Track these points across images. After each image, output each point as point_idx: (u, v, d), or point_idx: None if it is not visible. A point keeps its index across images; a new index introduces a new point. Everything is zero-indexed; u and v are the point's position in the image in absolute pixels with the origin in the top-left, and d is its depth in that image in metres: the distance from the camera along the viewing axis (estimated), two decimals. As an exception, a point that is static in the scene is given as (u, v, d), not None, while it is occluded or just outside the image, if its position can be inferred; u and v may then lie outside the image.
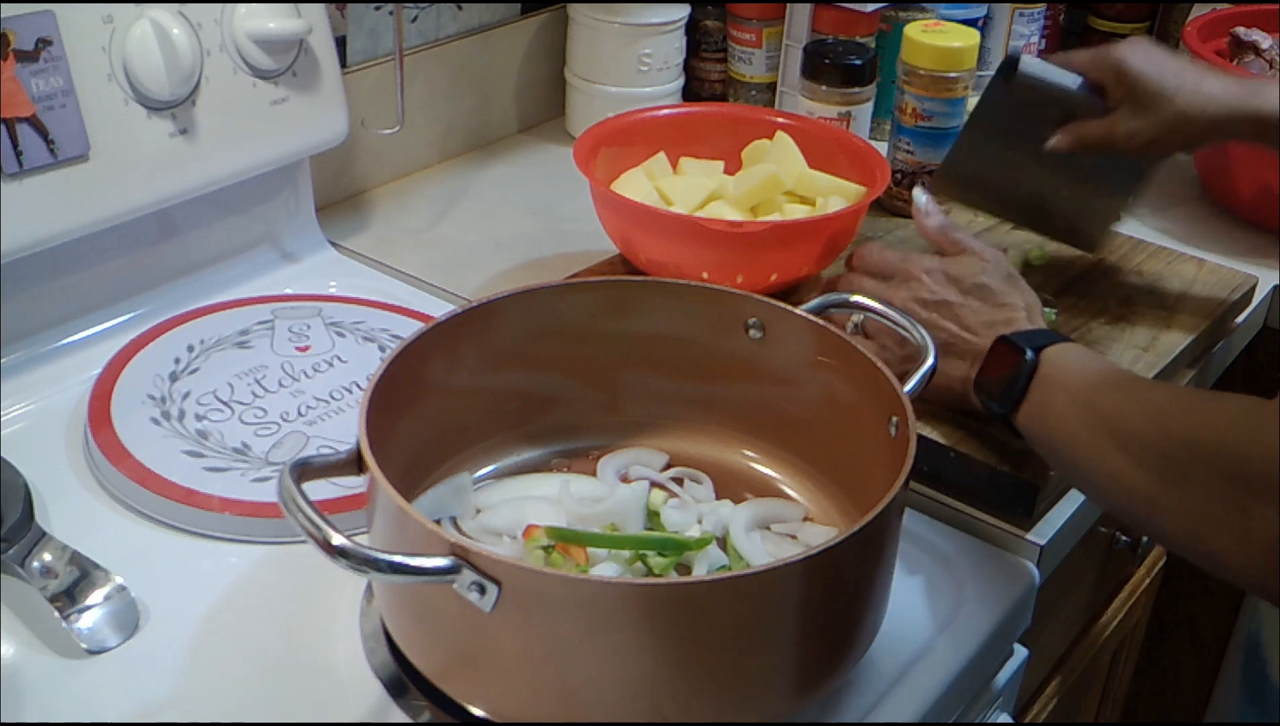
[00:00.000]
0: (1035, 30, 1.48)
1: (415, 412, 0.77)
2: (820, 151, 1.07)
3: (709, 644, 0.63)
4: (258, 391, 0.92)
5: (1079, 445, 0.76)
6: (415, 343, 0.76)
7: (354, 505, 0.79)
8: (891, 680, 0.75)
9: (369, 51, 1.19)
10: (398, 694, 0.71)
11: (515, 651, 0.64)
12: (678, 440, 0.87)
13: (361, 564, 0.60)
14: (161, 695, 0.71)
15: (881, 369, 0.76)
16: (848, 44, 1.23)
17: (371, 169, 1.23)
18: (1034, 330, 0.85)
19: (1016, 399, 0.80)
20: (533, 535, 0.74)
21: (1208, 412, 0.70)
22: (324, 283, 1.08)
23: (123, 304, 1.00)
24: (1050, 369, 0.79)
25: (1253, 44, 1.31)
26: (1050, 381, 0.79)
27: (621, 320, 0.84)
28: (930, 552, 0.84)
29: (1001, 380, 0.81)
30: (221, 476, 0.83)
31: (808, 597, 0.65)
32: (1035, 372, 0.79)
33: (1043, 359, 0.80)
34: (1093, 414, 0.75)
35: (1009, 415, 0.81)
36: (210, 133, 0.98)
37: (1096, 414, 0.75)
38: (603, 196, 1.02)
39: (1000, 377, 0.82)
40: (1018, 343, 0.81)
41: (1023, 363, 0.80)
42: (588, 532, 0.74)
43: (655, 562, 0.73)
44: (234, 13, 0.98)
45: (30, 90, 0.87)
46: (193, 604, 0.76)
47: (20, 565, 0.75)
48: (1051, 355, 0.80)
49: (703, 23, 1.39)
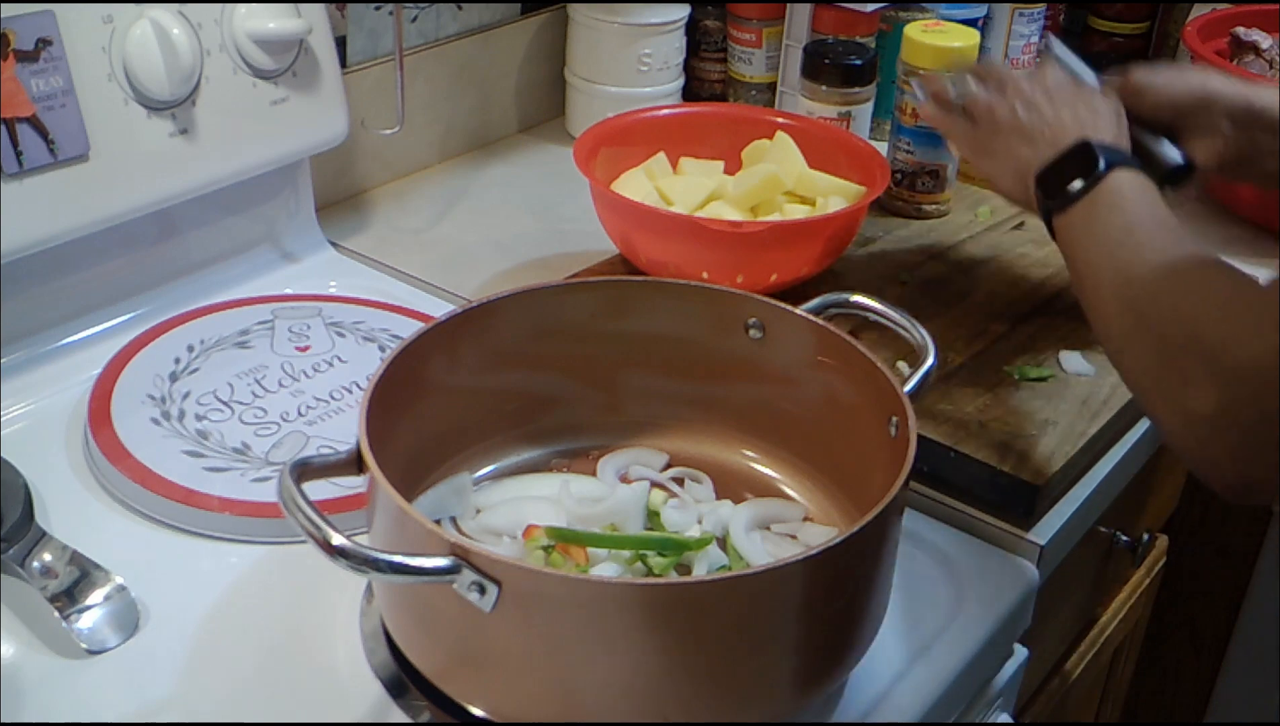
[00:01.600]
0: (1035, 30, 1.47)
1: (415, 412, 0.77)
2: (820, 151, 1.07)
3: (709, 644, 0.63)
4: (258, 391, 0.92)
5: (1091, 273, 0.79)
6: (415, 342, 0.76)
7: (354, 505, 0.79)
8: (891, 680, 0.75)
9: (369, 51, 1.19)
10: (398, 694, 0.71)
11: (515, 651, 0.64)
12: (678, 440, 0.87)
13: (361, 564, 0.60)
14: (161, 695, 0.71)
15: (881, 369, 0.76)
16: (848, 44, 1.23)
17: (371, 169, 1.23)
18: (1115, 146, 0.86)
19: (1068, 201, 0.82)
20: (533, 535, 0.74)
21: (1198, 280, 0.72)
22: (324, 283, 1.08)
23: (123, 304, 1.00)
24: (1109, 188, 0.81)
25: (1253, 44, 1.31)
26: (1102, 200, 0.81)
27: (621, 320, 0.84)
28: (930, 552, 0.84)
29: (1066, 178, 0.83)
30: (221, 476, 0.83)
31: (808, 597, 0.65)
32: (1094, 187, 0.82)
33: (1109, 177, 0.82)
34: (1114, 249, 0.78)
35: (1053, 213, 0.84)
36: (210, 133, 0.98)
37: (1116, 250, 0.78)
38: (603, 196, 1.02)
39: (1066, 176, 0.84)
40: (1097, 151, 0.83)
41: (1093, 171, 0.82)
42: (588, 533, 0.74)
43: (655, 562, 0.73)
44: (234, 13, 0.98)
45: (30, 90, 0.87)
46: (193, 604, 0.76)
47: (20, 565, 0.75)
48: (1118, 178, 0.82)
49: (703, 23, 1.39)
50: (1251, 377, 0.66)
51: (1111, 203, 0.81)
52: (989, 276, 1.11)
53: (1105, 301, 0.77)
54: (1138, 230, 0.79)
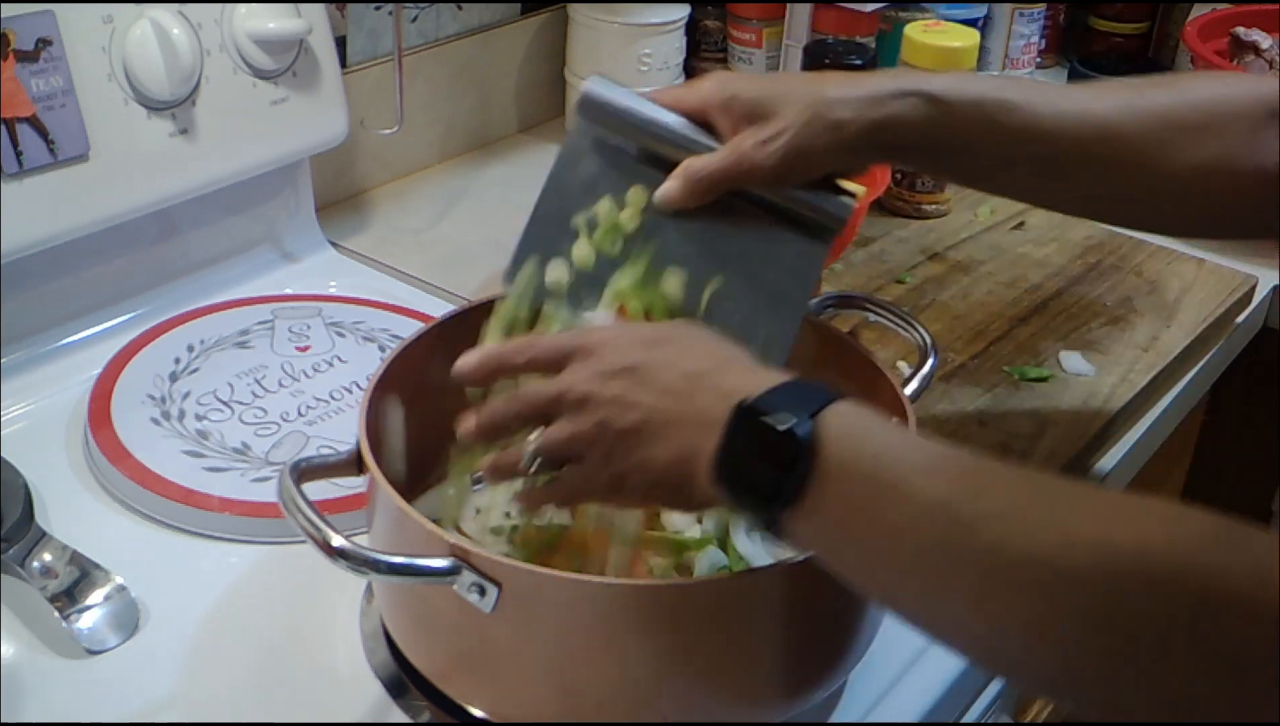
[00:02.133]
0: (1035, 30, 1.48)
1: (415, 412, 0.77)
2: (820, 151, 1.07)
3: (709, 644, 0.63)
4: (258, 391, 0.92)
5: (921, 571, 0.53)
6: (415, 342, 0.76)
7: (354, 505, 0.79)
8: (891, 680, 0.75)
9: (369, 51, 1.19)
10: (398, 694, 0.71)
11: (515, 651, 0.64)
12: (678, 440, 0.87)
13: (361, 564, 0.60)
14: (161, 695, 0.71)
15: (881, 369, 0.76)
16: (848, 44, 1.23)
17: (371, 169, 1.23)
18: (783, 384, 0.58)
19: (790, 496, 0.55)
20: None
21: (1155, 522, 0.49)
22: (324, 283, 1.08)
23: (123, 304, 1.00)
24: (841, 446, 0.54)
25: (1253, 44, 1.31)
26: (847, 467, 0.54)
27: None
28: (930, 553, 0.84)
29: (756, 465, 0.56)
30: (221, 476, 0.83)
31: (808, 598, 0.65)
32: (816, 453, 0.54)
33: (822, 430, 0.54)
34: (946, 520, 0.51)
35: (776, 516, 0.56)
36: (210, 133, 0.98)
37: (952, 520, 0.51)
38: (603, 196, 1.01)
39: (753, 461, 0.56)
40: (765, 405, 0.55)
41: (788, 438, 0.54)
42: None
43: (655, 563, 0.73)
44: (234, 13, 0.98)
45: (30, 90, 0.87)
46: (193, 604, 0.76)
47: (20, 565, 0.75)
48: (836, 424, 0.55)
49: (703, 23, 1.39)
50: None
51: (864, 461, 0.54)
52: (989, 276, 1.11)
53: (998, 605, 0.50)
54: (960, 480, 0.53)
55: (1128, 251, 1.15)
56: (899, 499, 0.53)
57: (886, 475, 0.53)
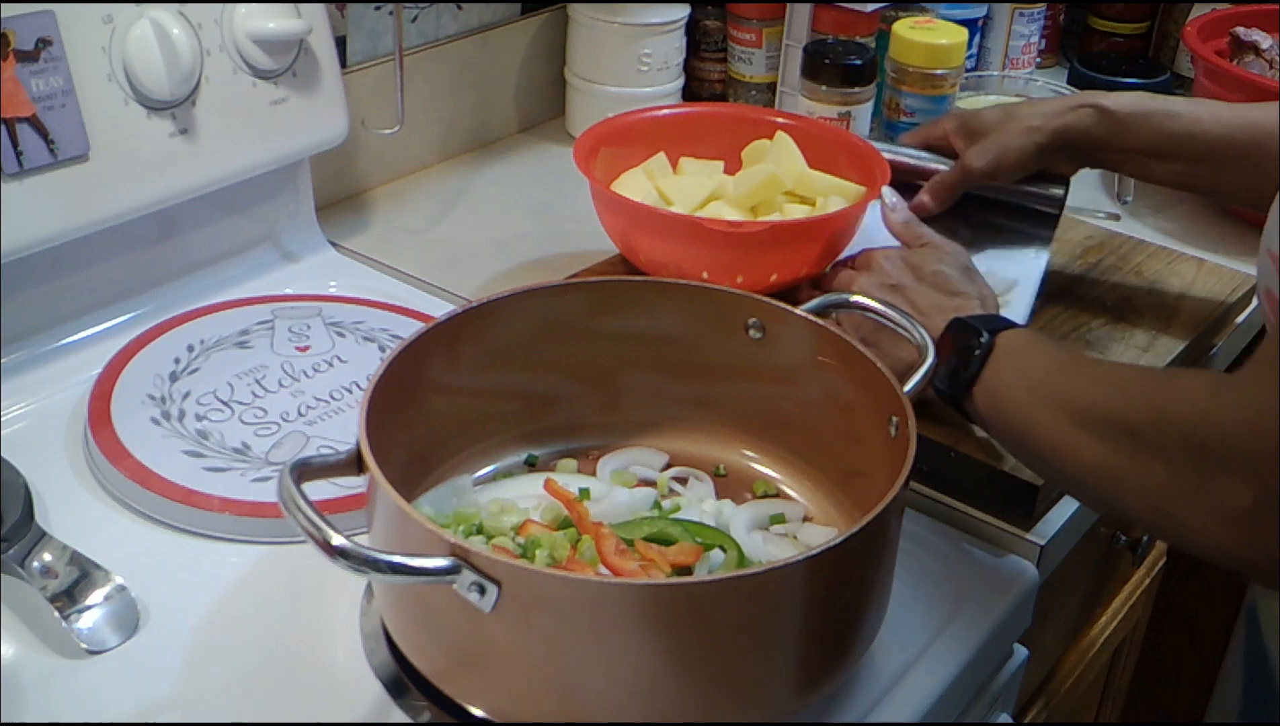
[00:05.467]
0: (1035, 30, 1.48)
1: (415, 412, 0.77)
2: (820, 151, 1.07)
3: (709, 644, 0.63)
4: (258, 391, 0.92)
5: (1036, 426, 0.74)
6: (415, 342, 0.76)
7: (354, 505, 0.79)
8: (891, 680, 0.75)
9: (369, 51, 1.19)
10: (398, 694, 0.71)
11: (515, 651, 0.64)
12: (678, 440, 0.87)
13: (361, 564, 0.60)
14: (161, 695, 0.71)
15: (881, 369, 0.76)
16: (848, 44, 1.23)
17: (371, 169, 1.23)
18: (989, 314, 0.85)
19: (969, 381, 0.79)
20: (528, 531, 0.74)
21: (1173, 387, 0.68)
22: (324, 283, 1.08)
23: (123, 304, 1.00)
24: (1005, 351, 0.78)
25: (1253, 44, 1.31)
26: (1005, 364, 0.78)
27: (621, 320, 0.84)
28: (930, 552, 0.84)
29: (953, 361, 0.80)
30: (221, 476, 0.83)
31: (808, 598, 0.65)
32: (990, 355, 0.78)
33: (998, 342, 0.79)
34: (1051, 394, 0.74)
35: (961, 398, 0.80)
36: (210, 133, 0.98)
37: (1055, 394, 0.74)
38: (603, 196, 1.02)
39: (952, 359, 0.80)
40: (973, 324, 0.80)
41: (977, 343, 0.79)
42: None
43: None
44: (234, 13, 0.98)
45: (30, 90, 0.87)
46: (193, 604, 0.76)
47: (20, 565, 0.75)
48: (1006, 338, 0.79)
49: (703, 23, 1.39)
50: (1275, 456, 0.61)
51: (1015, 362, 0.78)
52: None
53: (1077, 447, 0.71)
54: (1067, 372, 0.75)
55: (1127, 251, 1.15)
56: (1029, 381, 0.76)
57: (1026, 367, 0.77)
